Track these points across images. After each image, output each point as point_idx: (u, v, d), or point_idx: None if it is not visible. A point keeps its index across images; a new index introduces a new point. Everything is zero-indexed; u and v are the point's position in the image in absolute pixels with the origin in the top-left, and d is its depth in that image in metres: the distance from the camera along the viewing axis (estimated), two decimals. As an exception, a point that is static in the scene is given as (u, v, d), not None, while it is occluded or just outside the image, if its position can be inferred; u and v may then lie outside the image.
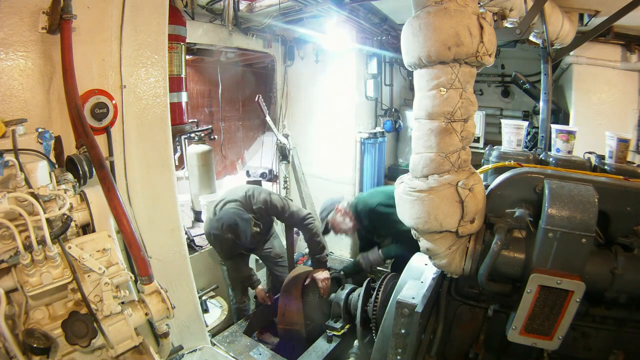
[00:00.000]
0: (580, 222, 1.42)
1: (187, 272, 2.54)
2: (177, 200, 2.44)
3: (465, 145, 1.55)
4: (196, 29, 3.54)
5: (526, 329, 1.53)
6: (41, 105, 1.75)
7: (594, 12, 3.16)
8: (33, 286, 1.15)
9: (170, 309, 1.41)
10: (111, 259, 1.30)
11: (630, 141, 1.86)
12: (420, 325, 1.66)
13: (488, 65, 1.51)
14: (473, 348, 1.87)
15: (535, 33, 2.96)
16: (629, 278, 1.48)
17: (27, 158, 1.35)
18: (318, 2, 3.10)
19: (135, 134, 2.15)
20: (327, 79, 4.69)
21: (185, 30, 3.04)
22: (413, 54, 1.47)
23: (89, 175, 1.57)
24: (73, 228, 1.38)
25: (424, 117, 1.52)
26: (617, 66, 3.75)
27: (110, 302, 1.23)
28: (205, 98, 6.98)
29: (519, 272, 1.56)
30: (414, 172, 1.59)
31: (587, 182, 1.53)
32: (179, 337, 2.48)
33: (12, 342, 1.10)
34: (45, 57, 1.75)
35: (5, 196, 1.15)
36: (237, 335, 3.05)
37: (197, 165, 5.20)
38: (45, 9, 1.68)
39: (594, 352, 1.74)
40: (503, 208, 1.62)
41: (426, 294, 1.72)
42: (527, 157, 1.90)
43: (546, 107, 3.24)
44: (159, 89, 2.22)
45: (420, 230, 1.61)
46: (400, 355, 1.71)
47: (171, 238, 2.41)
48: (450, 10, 1.37)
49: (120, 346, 1.26)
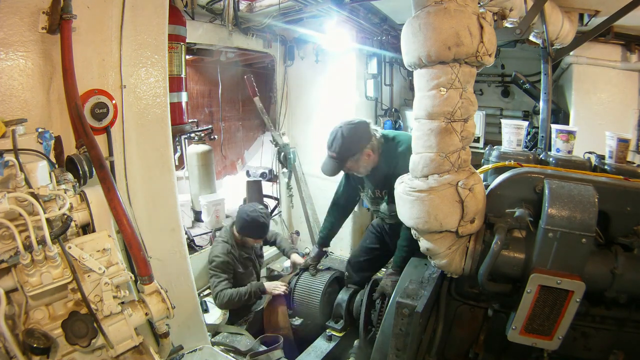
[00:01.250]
0: (580, 222, 1.42)
1: (187, 272, 2.54)
2: (177, 200, 2.44)
3: (465, 145, 1.55)
4: (196, 29, 3.54)
5: (526, 329, 1.53)
6: (41, 105, 1.75)
7: (594, 12, 3.16)
8: (33, 286, 1.15)
9: (171, 309, 1.41)
10: (111, 259, 1.30)
11: (630, 141, 1.86)
12: (420, 325, 1.66)
13: (488, 65, 1.51)
14: (473, 348, 1.87)
15: (535, 33, 2.96)
16: (629, 278, 1.48)
17: (27, 158, 1.35)
18: (318, 2, 3.10)
19: (135, 134, 2.15)
20: (327, 79, 4.69)
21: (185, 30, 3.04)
22: (413, 54, 1.47)
23: (89, 175, 1.57)
24: (73, 228, 1.38)
25: (424, 117, 1.52)
26: (617, 66, 3.74)
27: (110, 302, 1.23)
28: (205, 98, 6.98)
29: (519, 272, 1.56)
30: (414, 172, 1.60)
31: (587, 182, 1.53)
32: (179, 337, 2.48)
33: (12, 342, 1.10)
34: (45, 57, 1.75)
35: (5, 196, 1.15)
36: (237, 335, 3.05)
37: (197, 165, 5.20)
38: (45, 9, 1.68)
39: (594, 352, 1.74)
40: (503, 208, 1.62)
41: (426, 294, 1.72)
42: (527, 157, 1.90)
43: (546, 107, 3.24)
44: (159, 89, 2.22)
45: (420, 230, 1.61)
46: (400, 355, 1.71)
47: (171, 238, 2.41)
48: (450, 10, 1.37)
49: (120, 346, 1.26)
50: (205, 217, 4.89)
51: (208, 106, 7.04)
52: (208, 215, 4.77)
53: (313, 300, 2.99)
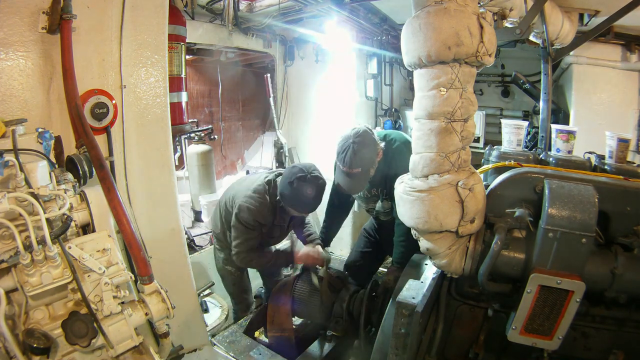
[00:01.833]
0: (580, 222, 1.42)
1: (187, 272, 2.54)
2: (177, 200, 2.44)
3: (466, 145, 1.55)
4: (196, 29, 3.54)
5: (526, 329, 1.53)
6: (41, 105, 1.75)
7: (594, 12, 3.16)
8: (33, 286, 1.14)
9: (171, 309, 1.41)
10: (111, 259, 1.30)
11: (630, 141, 1.86)
12: (420, 325, 1.66)
13: (488, 65, 1.51)
14: (473, 348, 1.87)
15: (535, 33, 2.96)
16: (629, 278, 1.48)
17: (27, 158, 1.35)
18: (318, 2, 3.10)
19: (135, 134, 2.15)
20: (327, 79, 4.69)
21: (185, 30, 3.04)
22: (413, 54, 1.47)
23: (89, 175, 1.57)
24: (73, 228, 1.38)
25: (424, 117, 1.52)
26: (617, 66, 3.74)
27: (110, 302, 1.23)
28: (205, 98, 6.98)
29: (519, 272, 1.56)
30: (414, 172, 1.60)
31: (587, 182, 1.53)
32: (179, 337, 2.48)
33: (12, 342, 1.10)
34: (45, 57, 1.75)
35: (5, 196, 1.15)
36: (237, 335, 3.04)
37: (197, 165, 5.20)
38: (45, 9, 1.68)
39: (593, 352, 1.73)
40: (503, 208, 1.62)
41: (426, 293, 1.72)
42: (527, 157, 1.90)
43: (546, 107, 3.24)
44: (159, 89, 2.22)
45: (420, 230, 1.61)
46: (400, 355, 1.71)
47: (171, 238, 2.41)
48: (450, 10, 1.37)
49: (120, 346, 1.26)
50: (205, 217, 4.90)
51: (208, 106, 7.05)
52: (208, 215, 4.77)
53: (313, 300, 2.98)
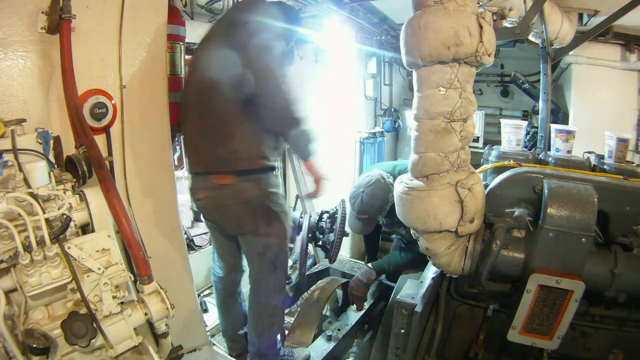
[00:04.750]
0: (579, 221, 1.42)
1: (187, 272, 2.53)
2: (177, 200, 2.43)
3: (465, 145, 1.55)
4: (195, 29, 3.52)
5: (526, 328, 1.53)
6: (40, 105, 1.75)
7: (593, 12, 3.16)
8: (32, 286, 1.14)
9: (170, 309, 1.41)
10: (110, 259, 1.30)
11: (630, 141, 1.87)
12: (420, 325, 1.66)
13: (487, 65, 1.52)
14: (473, 348, 1.88)
15: (535, 33, 2.96)
16: (628, 278, 1.49)
17: (27, 158, 1.34)
18: (318, 2, 3.10)
19: (135, 134, 2.14)
20: (327, 79, 4.68)
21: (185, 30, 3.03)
22: (412, 54, 1.47)
23: (88, 175, 1.56)
24: (72, 228, 1.38)
25: (424, 116, 1.52)
26: (616, 66, 3.75)
27: (109, 302, 1.23)
28: (205, 98, 6.96)
29: (518, 271, 1.56)
30: (414, 171, 1.60)
31: (587, 182, 1.53)
32: (178, 337, 2.48)
33: (12, 342, 1.10)
34: (45, 57, 1.74)
35: (4, 196, 1.15)
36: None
37: (196, 165, 5.19)
38: (44, 8, 1.68)
39: (593, 351, 1.74)
40: (502, 208, 1.62)
41: (426, 293, 1.72)
42: (526, 156, 1.90)
43: (545, 106, 3.25)
44: (159, 89, 2.21)
45: (419, 229, 1.61)
46: (400, 355, 1.72)
47: (171, 238, 2.41)
48: (449, 10, 1.37)
49: (119, 346, 1.26)
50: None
51: (208, 106, 7.03)
52: (208, 215, 4.75)
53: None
